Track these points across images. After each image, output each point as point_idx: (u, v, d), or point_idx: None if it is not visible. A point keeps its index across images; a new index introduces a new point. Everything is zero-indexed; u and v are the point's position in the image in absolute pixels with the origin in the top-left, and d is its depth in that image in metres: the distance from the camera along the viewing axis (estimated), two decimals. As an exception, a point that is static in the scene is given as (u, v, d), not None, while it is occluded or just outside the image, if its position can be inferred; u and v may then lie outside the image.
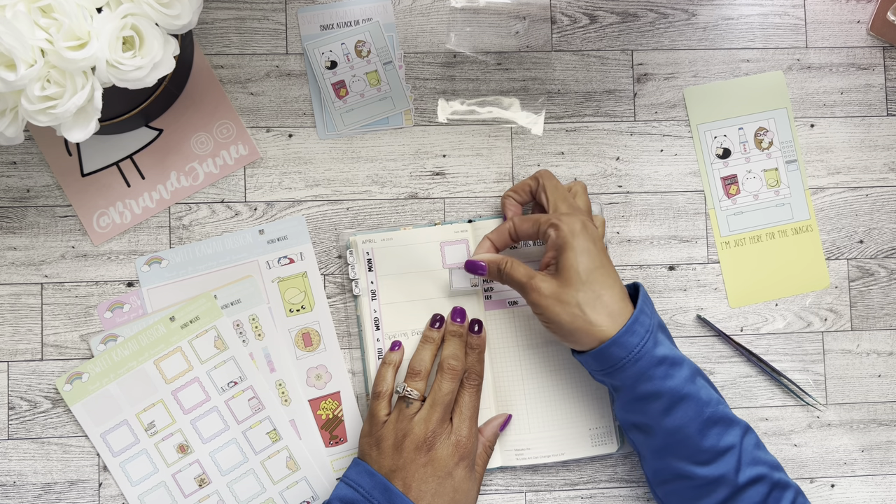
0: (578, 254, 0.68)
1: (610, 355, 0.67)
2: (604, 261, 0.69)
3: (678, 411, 0.67)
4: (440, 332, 0.75)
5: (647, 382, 0.67)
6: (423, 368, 0.73)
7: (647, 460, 0.71)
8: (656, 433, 0.68)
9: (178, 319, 0.76)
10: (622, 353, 0.67)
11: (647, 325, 0.68)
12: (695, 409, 0.67)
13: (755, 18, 0.82)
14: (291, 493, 0.76)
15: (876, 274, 0.81)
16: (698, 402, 0.67)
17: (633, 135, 0.81)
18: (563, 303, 0.68)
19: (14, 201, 0.77)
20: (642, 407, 0.68)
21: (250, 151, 0.78)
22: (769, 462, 0.69)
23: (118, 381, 0.75)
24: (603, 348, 0.67)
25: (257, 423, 0.76)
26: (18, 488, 0.76)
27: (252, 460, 0.76)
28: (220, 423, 0.76)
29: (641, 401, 0.68)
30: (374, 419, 0.72)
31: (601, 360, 0.68)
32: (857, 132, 0.82)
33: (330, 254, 0.78)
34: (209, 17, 0.79)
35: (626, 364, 0.67)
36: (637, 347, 0.67)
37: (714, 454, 0.67)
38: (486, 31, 0.80)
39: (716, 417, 0.67)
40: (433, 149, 0.80)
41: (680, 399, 0.67)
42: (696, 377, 0.68)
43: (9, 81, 0.61)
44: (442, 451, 0.69)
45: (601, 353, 0.67)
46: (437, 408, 0.70)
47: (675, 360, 0.67)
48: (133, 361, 0.75)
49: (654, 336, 0.68)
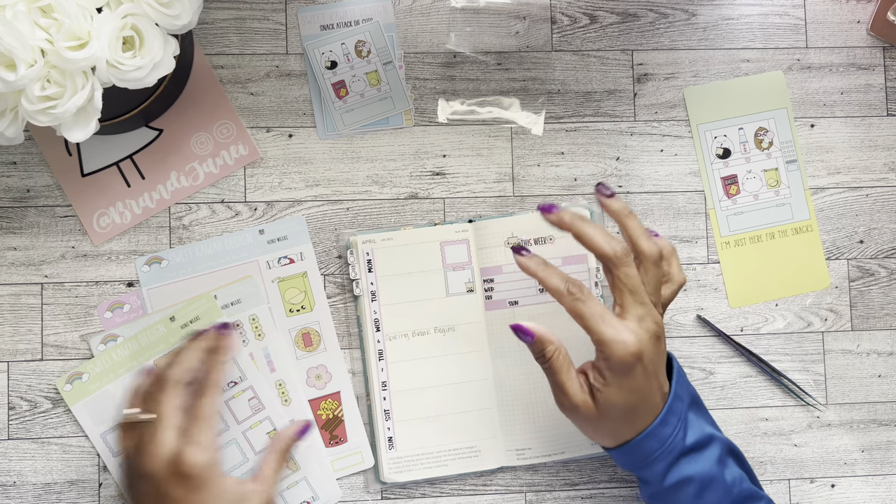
0: (622, 392, 0.63)
1: (641, 449, 0.64)
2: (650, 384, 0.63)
3: (708, 495, 0.64)
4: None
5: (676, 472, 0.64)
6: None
7: None
8: None
9: (178, 319, 0.76)
10: (655, 445, 0.63)
11: (679, 413, 0.64)
12: (724, 491, 0.65)
13: (755, 18, 0.82)
14: (291, 493, 0.76)
15: (876, 274, 0.81)
16: (725, 483, 0.65)
17: (633, 135, 0.81)
18: (593, 426, 0.65)
19: (14, 201, 0.77)
20: (672, 495, 0.65)
21: (250, 151, 0.78)
22: None
23: (118, 382, 0.75)
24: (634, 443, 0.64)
25: (257, 423, 0.76)
26: (18, 488, 0.76)
27: (252, 460, 0.76)
28: (220, 423, 0.76)
29: (671, 489, 0.65)
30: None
31: (632, 455, 0.65)
32: (858, 132, 0.82)
33: (330, 254, 0.78)
34: (209, 17, 0.79)
35: (657, 458, 0.64)
36: (670, 438, 0.63)
37: None
38: (486, 31, 0.80)
39: (743, 495, 0.66)
40: (433, 149, 0.80)
41: (709, 482, 0.64)
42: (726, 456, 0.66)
43: (9, 81, 0.61)
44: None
45: (632, 448, 0.64)
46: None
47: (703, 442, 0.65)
48: (133, 361, 0.75)
49: (684, 422, 0.64)
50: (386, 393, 0.76)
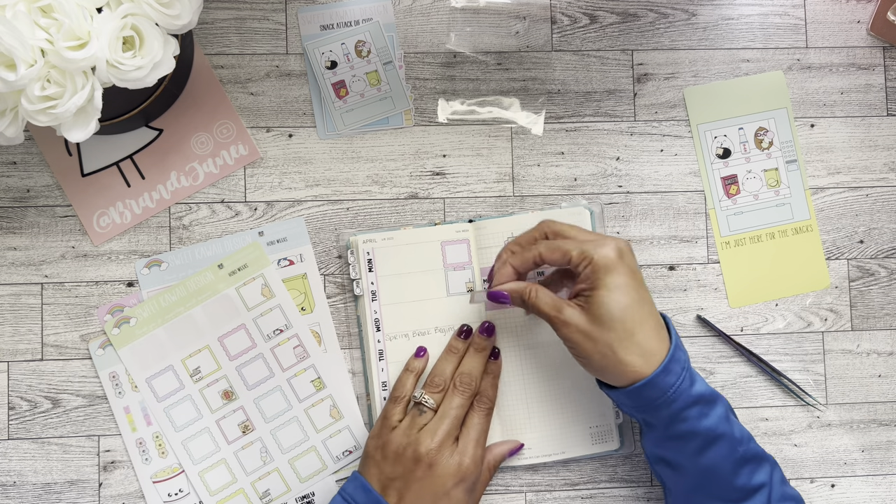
0: (612, 291, 0.65)
1: (645, 395, 0.65)
2: (641, 294, 0.66)
3: (712, 451, 0.65)
4: (465, 344, 0.75)
5: (683, 423, 0.65)
6: (444, 381, 0.72)
7: (674, 496, 0.70)
8: (688, 472, 0.67)
9: (226, 267, 0.76)
10: (657, 393, 0.65)
11: (682, 363, 0.66)
12: (728, 449, 0.65)
13: (755, 18, 0.82)
14: (334, 441, 0.77)
15: (876, 274, 0.81)
16: (732, 440, 0.65)
17: (633, 135, 0.81)
18: (593, 340, 0.65)
19: (14, 201, 0.77)
20: (676, 445, 0.66)
21: (250, 151, 0.78)
22: (795, 497, 0.68)
23: (165, 327, 0.76)
24: (638, 387, 0.65)
25: (302, 371, 0.77)
26: (18, 488, 0.76)
27: (296, 408, 0.76)
28: (266, 370, 0.76)
29: (675, 439, 0.66)
30: (385, 421, 0.72)
31: (635, 399, 0.66)
32: (857, 132, 0.82)
33: (330, 254, 0.78)
34: (209, 17, 0.79)
35: (661, 404, 0.65)
36: (673, 387, 0.64)
37: (746, 492, 0.66)
38: (486, 31, 0.80)
39: (748, 455, 0.66)
40: (433, 149, 0.80)
41: (715, 438, 0.65)
42: (730, 414, 0.67)
43: (9, 81, 0.61)
44: (442, 469, 0.69)
45: (636, 392, 0.65)
46: (444, 420, 0.70)
47: (710, 398, 0.66)
48: (181, 307, 0.76)
49: (689, 373, 0.66)
50: (386, 393, 0.76)
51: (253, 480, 0.76)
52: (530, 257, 0.69)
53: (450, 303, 0.77)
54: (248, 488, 0.76)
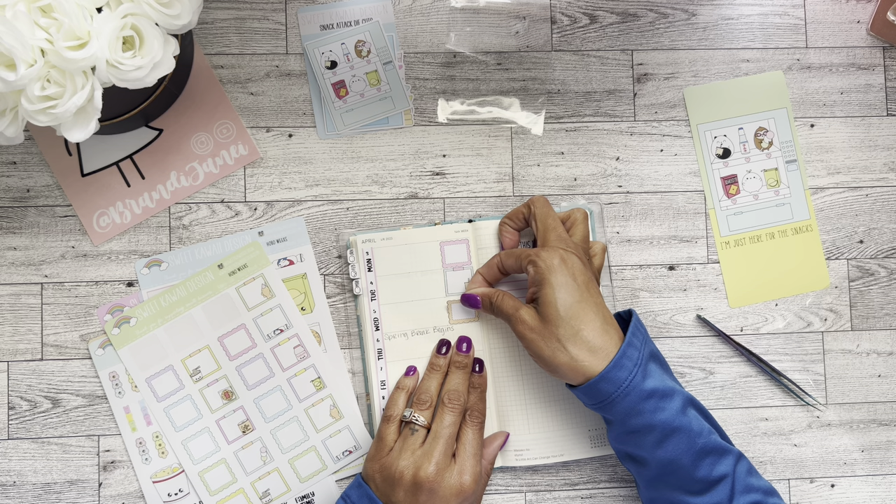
0: (556, 289, 0.68)
1: (599, 390, 0.67)
2: (584, 295, 0.69)
3: (670, 444, 0.67)
4: (447, 360, 0.76)
5: (638, 417, 0.67)
6: (430, 398, 0.73)
7: (642, 489, 0.72)
8: (650, 464, 0.68)
9: (226, 267, 0.76)
10: (611, 388, 0.67)
11: (635, 359, 0.67)
12: (687, 441, 0.67)
13: (755, 18, 0.82)
14: (334, 441, 0.77)
15: (876, 274, 0.81)
16: (690, 433, 0.67)
17: (633, 135, 0.81)
18: (544, 338, 0.68)
19: (14, 201, 0.77)
20: (634, 440, 0.68)
21: (250, 151, 0.78)
22: (763, 488, 0.69)
23: (165, 327, 0.76)
24: (592, 384, 0.67)
25: (302, 371, 0.77)
26: (18, 488, 0.76)
27: (296, 408, 0.77)
28: (266, 370, 0.76)
29: (633, 434, 0.68)
30: (380, 443, 0.72)
31: (591, 395, 0.68)
32: (857, 132, 0.82)
33: (330, 254, 0.78)
34: (209, 17, 0.79)
35: (615, 399, 0.67)
36: (626, 382, 0.66)
37: (707, 484, 0.67)
38: (486, 31, 0.80)
39: (708, 448, 0.67)
40: (433, 149, 0.80)
41: (671, 432, 0.67)
42: (688, 408, 0.68)
43: (9, 81, 0.61)
44: (445, 492, 0.69)
45: (590, 388, 0.67)
46: (438, 441, 0.70)
47: (664, 392, 0.67)
48: (181, 307, 0.76)
49: (643, 369, 0.67)
50: (385, 392, 0.76)
51: (253, 480, 0.76)
52: (494, 263, 0.75)
53: (448, 303, 0.77)
54: (248, 488, 0.76)
